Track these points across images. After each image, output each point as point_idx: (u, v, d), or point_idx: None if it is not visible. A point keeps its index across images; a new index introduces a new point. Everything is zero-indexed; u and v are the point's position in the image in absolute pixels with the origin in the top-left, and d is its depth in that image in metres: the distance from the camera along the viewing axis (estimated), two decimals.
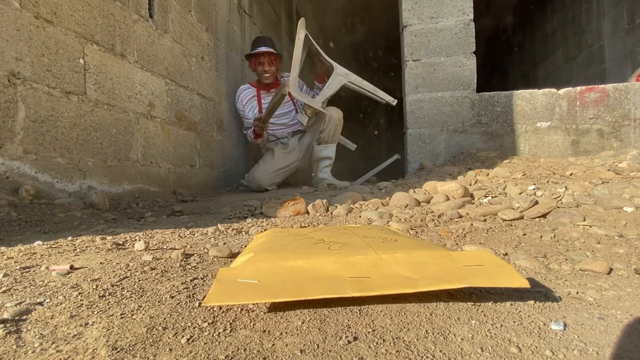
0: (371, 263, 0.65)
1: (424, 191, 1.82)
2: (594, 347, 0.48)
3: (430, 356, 0.46)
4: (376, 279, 0.61)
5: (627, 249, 0.92)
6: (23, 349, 0.46)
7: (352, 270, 0.64)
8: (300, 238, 0.87)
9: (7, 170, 1.28)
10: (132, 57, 1.89)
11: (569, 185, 1.67)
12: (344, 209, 1.47)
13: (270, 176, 2.72)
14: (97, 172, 1.66)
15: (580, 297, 0.64)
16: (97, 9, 1.67)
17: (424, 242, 0.90)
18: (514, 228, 1.18)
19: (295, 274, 0.62)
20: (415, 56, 3.00)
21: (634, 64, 3.38)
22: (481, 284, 0.59)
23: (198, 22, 2.56)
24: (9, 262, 0.78)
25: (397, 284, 0.59)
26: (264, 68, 2.80)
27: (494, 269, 0.62)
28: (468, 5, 2.91)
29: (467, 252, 0.72)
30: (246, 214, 1.50)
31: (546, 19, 5.24)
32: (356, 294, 0.57)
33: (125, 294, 0.63)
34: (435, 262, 0.66)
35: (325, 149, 2.80)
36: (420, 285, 0.58)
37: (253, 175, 2.71)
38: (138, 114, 1.94)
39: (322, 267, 0.64)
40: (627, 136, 2.75)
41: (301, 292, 0.57)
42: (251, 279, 0.60)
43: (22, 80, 1.33)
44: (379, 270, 0.63)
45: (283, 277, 0.61)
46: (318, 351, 0.47)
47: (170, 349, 0.47)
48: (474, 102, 2.93)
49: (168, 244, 0.99)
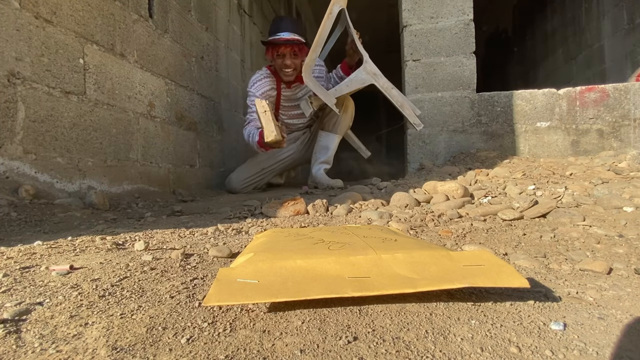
0: (371, 263, 0.65)
1: (424, 191, 1.82)
2: (594, 347, 0.48)
3: (430, 356, 0.46)
4: (376, 278, 0.61)
5: (627, 249, 0.92)
6: (23, 349, 0.46)
7: (352, 270, 0.64)
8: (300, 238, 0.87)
9: (6, 170, 1.28)
10: (132, 57, 1.89)
11: (569, 185, 1.67)
12: (343, 209, 1.48)
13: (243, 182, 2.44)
14: (97, 172, 1.66)
15: (580, 297, 0.64)
16: (97, 9, 1.67)
17: (424, 242, 0.90)
18: (513, 228, 1.18)
19: (295, 273, 0.62)
20: (415, 56, 3.00)
21: (634, 64, 3.38)
22: (481, 283, 0.59)
23: (198, 22, 2.56)
24: (9, 262, 0.78)
25: (397, 284, 0.59)
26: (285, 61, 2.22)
27: (494, 269, 0.62)
28: (468, 5, 2.91)
29: (467, 252, 0.72)
30: (246, 214, 1.50)
31: (546, 19, 5.24)
32: (356, 293, 0.57)
33: (125, 294, 0.63)
34: (435, 262, 0.66)
35: (326, 138, 2.41)
36: (420, 285, 0.58)
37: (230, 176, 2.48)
38: (138, 114, 1.94)
39: (322, 267, 0.64)
40: (627, 136, 2.75)
41: (301, 292, 0.57)
42: (251, 279, 0.60)
43: (21, 80, 1.33)
44: (379, 270, 0.63)
45: (283, 277, 0.61)
46: (318, 351, 0.47)
47: (170, 349, 0.47)
48: (474, 102, 2.93)
49: (168, 244, 0.99)
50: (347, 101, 2.42)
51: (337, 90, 2.16)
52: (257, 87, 2.37)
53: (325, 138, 2.44)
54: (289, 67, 2.25)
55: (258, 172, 2.48)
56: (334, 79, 2.46)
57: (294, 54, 2.24)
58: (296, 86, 2.38)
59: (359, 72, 2.15)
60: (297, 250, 0.73)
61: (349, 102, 2.46)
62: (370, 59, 2.18)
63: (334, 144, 2.48)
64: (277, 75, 2.36)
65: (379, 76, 2.17)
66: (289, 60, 2.22)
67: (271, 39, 2.23)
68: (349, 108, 2.46)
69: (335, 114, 2.34)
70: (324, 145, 2.43)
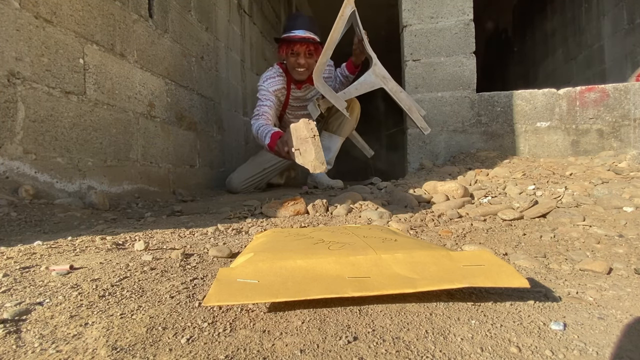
0: (371, 263, 0.65)
1: (424, 191, 1.82)
2: (594, 347, 0.48)
3: (430, 356, 0.46)
4: (376, 278, 0.61)
5: (626, 249, 0.92)
6: (23, 349, 0.46)
7: (352, 270, 0.64)
8: (300, 238, 0.87)
9: (6, 170, 1.28)
10: (132, 57, 1.89)
11: (569, 185, 1.67)
12: (344, 209, 1.48)
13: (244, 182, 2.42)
14: (97, 172, 1.66)
15: (580, 297, 0.64)
16: (97, 9, 1.67)
17: (424, 242, 0.90)
18: (513, 228, 1.18)
19: (295, 274, 0.62)
20: (415, 56, 3.00)
21: (634, 64, 3.38)
22: (481, 283, 0.59)
23: (198, 22, 2.56)
24: (9, 262, 0.78)
25: (397, 284, 0.59)
26: (298, 60, 2.17)
27: (494, 269, 0.62)
28: (468, 5, 2.91)
29: (467, 252, 0.72)
30: (246, 214, 1.50)
31: (546, 19, 5.24)
32: (356, 293, 0.57)
33: (125, 294, 0.63)
34: (435, 262, 0.66)
35: (329, 139, 2.39)
36: (420, 285, 0.58)
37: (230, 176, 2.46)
38: (138, 114, 1.94)
39: (321, 267, 0.64)
40: (626, 136, 2.75)
41: (301, 292, 0.57)
42: (251, 279, 0.60)
43: (21, 80, 1.33)
44: (379, 270, 0.63)
45: (283, 277, 0.61)
46: (318, 351, 0.47)
47: (170, 349, 0.47)
48: (474, 102, 2.93)
49: (168, 244, 0.99)
50: (353, 103, 2.39)
51: (347, 94, 2.11)
52: (270, 84, 2.32)
53: (329, 139, 2.43)
54: (302, 67, 2.21)
55: (259, 172, 2.45)
56: (339, 79, 2.42)
57: (309, 53, 2.19)
58: (306, 87, 2.35)
59: (368, 75, 2.10)
60: (297, 250, 0.73)
61: (355, 105, 2.43)
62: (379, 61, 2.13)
63: (336, 146, 2.46)
64: (288, 74, 2.32)
65: (387, 79, 2.13)
66: (302, 59, 2.19)
67: (285, 35, 2.17)
68: (355, 110, 2.43)
69: (340, 115, 2.31)
70: (326, 146, 2.36)
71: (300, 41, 2.14)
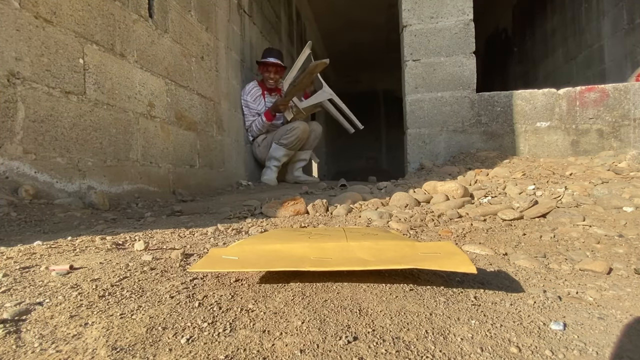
0: (338, 248, 0.73)
1: (424, 191, 1.82)
2: (594, 347, 0.48)
3: (430, 356, 0.46)
4: (336, 259, 0.68)
5: (626, 249, 0.92)
6: (23, 349, 0.46)
7: (319, 252, 0.71)
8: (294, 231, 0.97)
9: (6, 170, 1.28)
10: (131, 57, 1.89)
11: (569, 185, 1.67)
12: (343, 209, 1.47)
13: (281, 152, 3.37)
14: (97, 172, 1.66)
15: (580, 297, 0.64)
16: (97, 9, 1.67)
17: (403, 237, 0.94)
18: (513, 228, 1.18)
19: (269, 254, 0.72)
20: (415, 56, 3.00)
21: (634, 64, 3.38)
22: (427, 266, 0.64)
23: (198, 22, 2.56)
24: (9, 262, 0.78)
25: (351, 264, 0.66)
26: (271, 75, 3.44)
27: (447, 256, 0.67)
28: (468, 5, 2.91)
29: (431, 243, 0.78)
30: (246, 214, 1.50)
31: (546, 19, 5.24)
32: (312, 268, 0.65)
33: (125, 294, 0.63)
34: (395, 250, 0.72)
35: (304, 153, 3.58)
36: (370, 265, 0.65)
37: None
38: (138, 114, 1.94)
39: (294, 250, 0.72)
40: (626, 136, 2.75)
41: (267, 265, 0.67)
42: (233, 257, 0.71)
43: (21, 80, 1.33)
44: (342, 254, 0.70)
45: (258, 255, 0.71)
46: (318, 351, 0.47)
47: (170, 349, 0.47)
48: (474, 102, 2.93)
49: (168, 244, 0.99)
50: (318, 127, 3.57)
51: (307, 101, 3.33)
52: (251, 95, 3.36)
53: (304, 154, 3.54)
54: (273, 80, 3.44)
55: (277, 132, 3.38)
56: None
57: (277, 71, 3.45)
58: (275, 94, 3.51)
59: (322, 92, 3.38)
60: (281, 239, 0.82)
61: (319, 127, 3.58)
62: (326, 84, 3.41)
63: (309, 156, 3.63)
64: (263, 85, 3.46)
65: (333, 94, 3.38)
66: (273, 75, 3.43)
67: (263, 60, 3.43)
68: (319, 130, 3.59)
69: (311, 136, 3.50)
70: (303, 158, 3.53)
71: (273, 64, 3.40)
